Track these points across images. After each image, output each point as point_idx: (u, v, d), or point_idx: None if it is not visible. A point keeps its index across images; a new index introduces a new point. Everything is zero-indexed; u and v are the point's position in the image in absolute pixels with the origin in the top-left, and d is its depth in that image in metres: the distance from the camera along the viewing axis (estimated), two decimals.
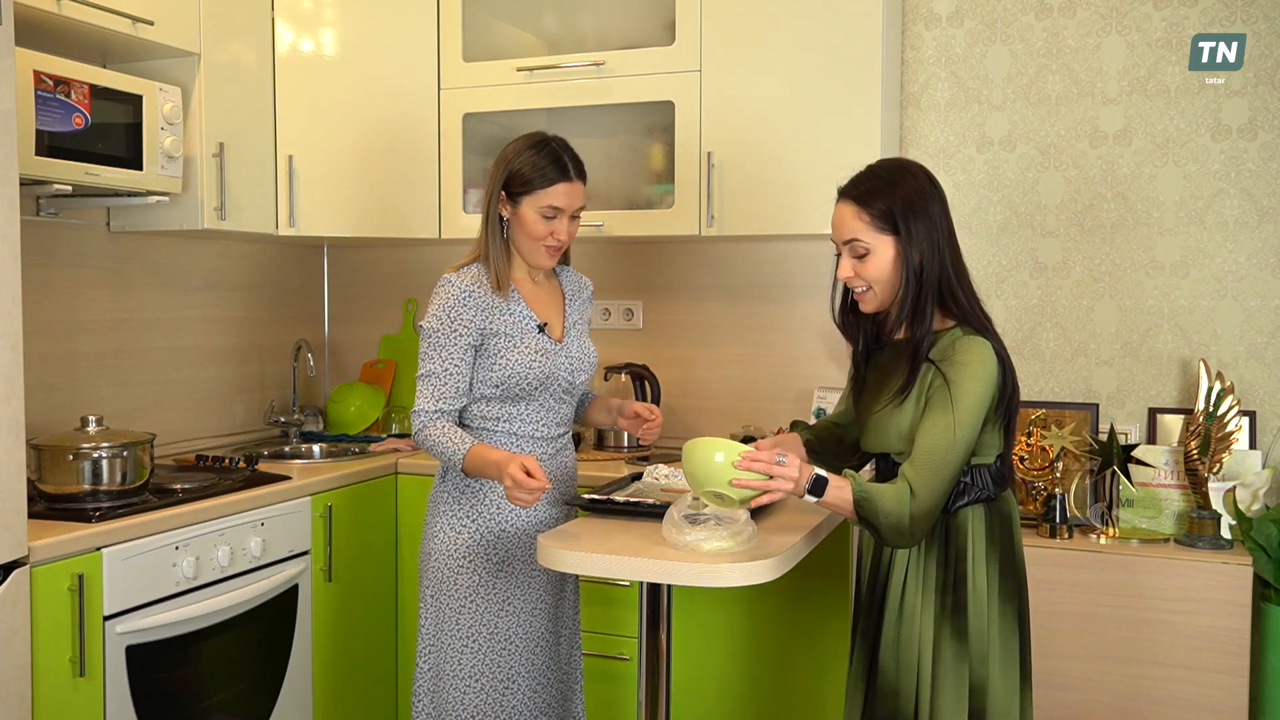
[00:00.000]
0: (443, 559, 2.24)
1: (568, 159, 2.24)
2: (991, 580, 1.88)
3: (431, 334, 2.19)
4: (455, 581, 2.23)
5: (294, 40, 3.00)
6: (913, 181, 1.90)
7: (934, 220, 1.88)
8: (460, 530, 2.24)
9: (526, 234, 2.21)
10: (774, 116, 2.81)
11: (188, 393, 3.15)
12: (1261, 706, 2.40)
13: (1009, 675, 1.88)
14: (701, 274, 3.28)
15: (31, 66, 2.23)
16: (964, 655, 1.86)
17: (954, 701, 1.85)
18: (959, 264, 1.91)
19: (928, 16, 3.01)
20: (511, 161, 2.21)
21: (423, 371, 2.19)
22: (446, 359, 2.18)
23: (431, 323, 2.19)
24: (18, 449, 1.94)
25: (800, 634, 2.65)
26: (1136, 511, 2.62)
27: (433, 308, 2.20)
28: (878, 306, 1.95)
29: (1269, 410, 2.73)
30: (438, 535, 2.25)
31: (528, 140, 2.25)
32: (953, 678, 1.86)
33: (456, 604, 2.23)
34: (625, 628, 2.76)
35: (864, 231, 1.90)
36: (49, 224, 2.68)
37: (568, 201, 2.22)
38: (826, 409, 3.01)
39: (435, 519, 2.27)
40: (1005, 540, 1.91)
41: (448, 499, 2.26)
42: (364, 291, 3.69)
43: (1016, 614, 1.90)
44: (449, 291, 2.19)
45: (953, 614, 1.87)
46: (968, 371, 1.82)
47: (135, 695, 2.20)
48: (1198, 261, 2.79)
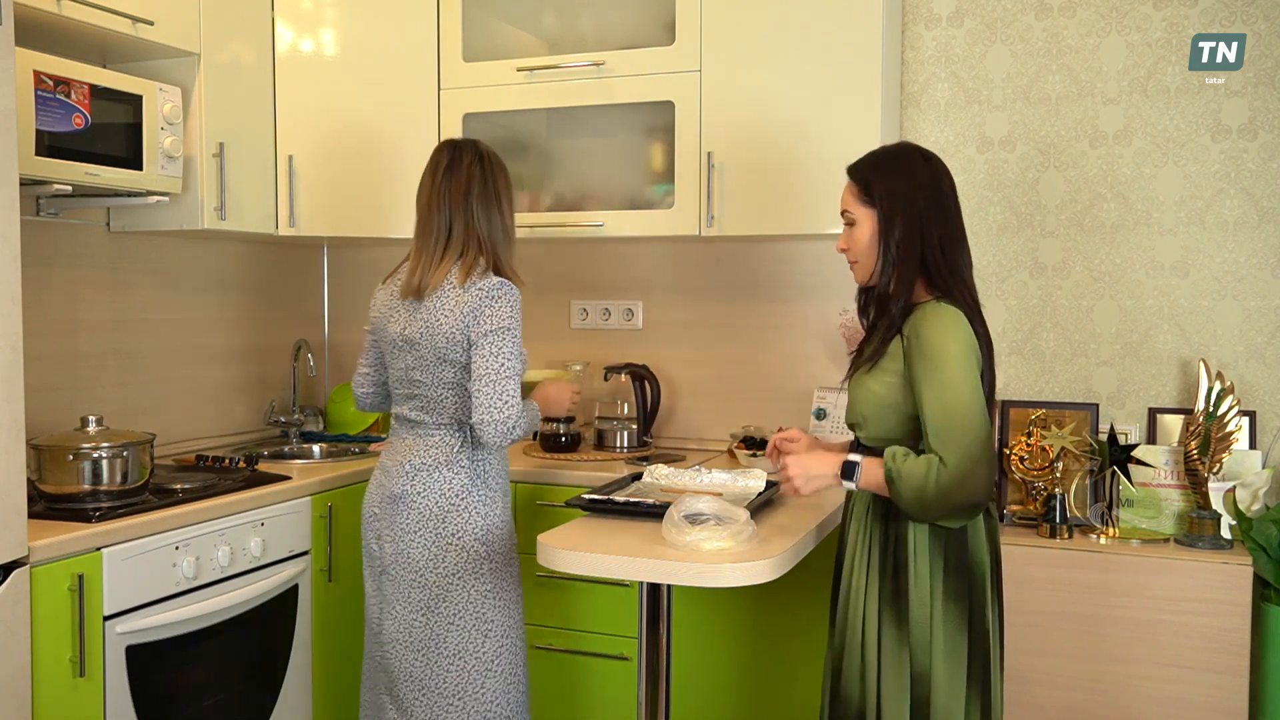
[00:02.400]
0: (496, 544, 2.36)
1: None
2: (935, 573, 1.89)
3: (515, 335, 2.27)
4: (508, 539, 2.40)
5: (294, 40, 3.00)
6: (905, 162, 1.97)
7: (918, 199, 1.93)
8: (505, 514, 2.41)
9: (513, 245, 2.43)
10: (774, 117, 2.81)
11: (188, 393, 3.15)
12: (1261, 706, 2.41)
13: (954, 673, 1.88)
14: (701, 274, 3.28)
15: (31, 66, 2.23)
16: (904, 641, 1.89)
17: (896, 687, 1.89)
18: (951, 245, 1.94)
19: (928, 16, 3.01)
20: (504, 169, 2.41)
21: (511, 372, 2.24)
22: (520, 357, 2.29)
23: (513, 323, 2.27)
24: (18, 449, 1.94)
25: (800, 634, 2.65)
26: (1136, 511, 2.62)
27: (508, 308, 2.27)
28: (863, 277, 2.02)
29: (1269, 410, 2.73)
30: (489, 521, 2.35)
31: (478, 148, 2.42)
32: (894, 661, 1.89)
33: (510, 559, 2.39)
34: (625, 628, 2.76)
35: (852, 203, 2.00)
36: (49, 224, 2.68)
37: None
38: (827, 409, 3.01)
39: (484, 504, 2.35)
40: (956, 538, 1.90)
41: (492, 485, 2.38)
42: (364, 291, 3.67)
43: (966, 617, 1.89)
44: (517, 297, 2.30)
45: (893, 599, 1.91)
46: (938, 333, 1.85)
47: (135, 695, 2.20)
48: (1198, 261, 2.79)
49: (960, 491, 1.80)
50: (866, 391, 1.96)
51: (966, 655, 1.89)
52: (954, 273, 1.93)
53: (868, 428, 1.97)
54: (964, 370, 1.83)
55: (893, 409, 1.91)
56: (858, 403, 1.98)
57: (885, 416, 1.93)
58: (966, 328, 1.86)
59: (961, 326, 1.86)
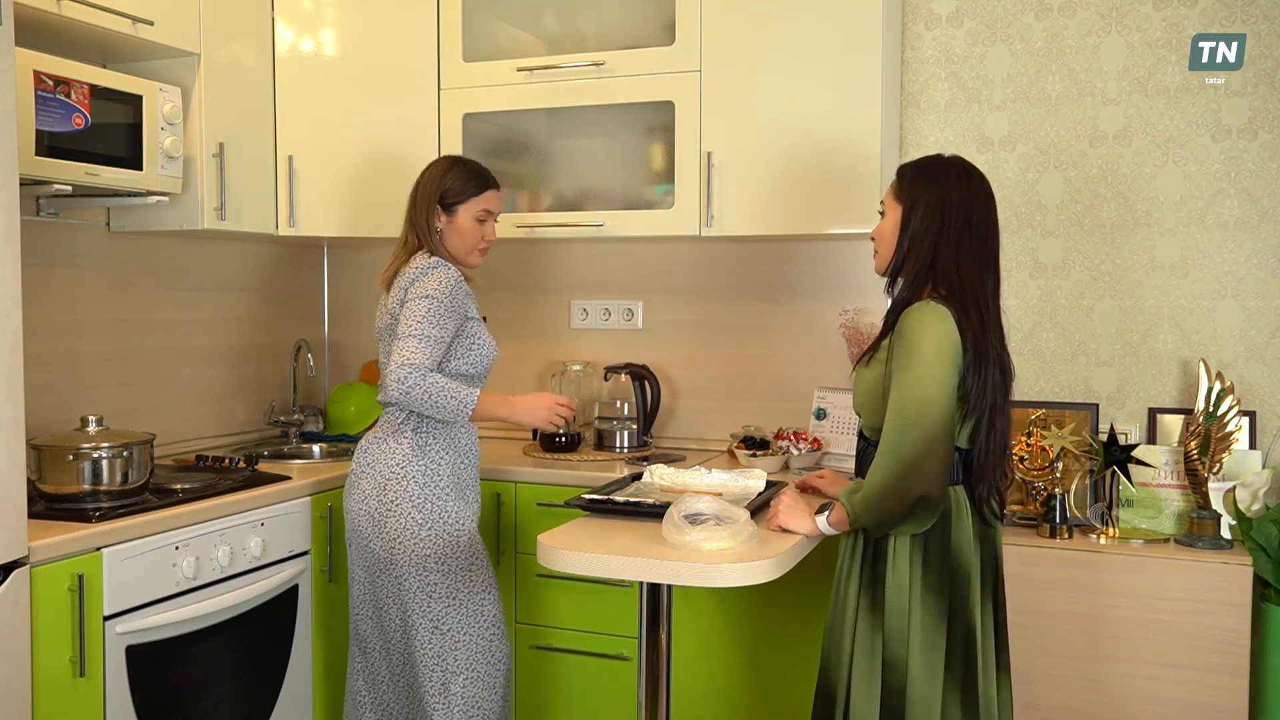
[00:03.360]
0: (451, 545, 2.45)
1: (487, 172, 2.58)
2: (914, 564, 1.93)
3: (434, 301, 2.38)
4: (471, 564, 2.47)
5: (294, 40, 3.00)
6: (942, 172, 2.05)
7: (940, 207, 1.98)
8: (464, 516, 2.49)
9: (463, 238, 2.53)
10: (774, 117, 2.81)
11: (188, 393, 3.15)
12: (1261, 706, 2.41)
13: (931, 665, 1.91)
14: (701, 274, 3.28)
15: (31, 66, 2.23)
16: (878, 627, 1.94)
17: (866, 669, 1.94)
18: (968, 256, 1.96)
19: (928, 16, 3.01)
20: (443, 178, 2.52)
21: (417, 333, 2.35)
22: (442, 328, 2.38)
23: (436, 292, 2.38)
24: (18, 449, 1.94)
25: (800, 633, 2.65)
26: (1136, 511, 2.62)
27: (434, 281, 2.40)
28: (879, 266, 2.09)
29: (1269, 410, 2.73)
30: (441, 521, 2.44)
31: (447, 161, 2.59)
32: (865, 644, 1.95)
33: (453, 526, 2.45)
34: (625, 628, 2.76)
35: (888, 197, 2.08)
36: (49, 224, 2.68)
37: (498, 205, 2.58)
38: (827, 409, 3.02)
39: (425, 476, 2.43)
40: (939, 531, 1.93)
41: (435, 459, 2.45)
42: (364, 291, 3.68)
43: (946, 612, 1.92)
44: (448, 274, 2.43)
45: (870, 586, 1.97)
46: (917, 328, 1.90)
47: (135, 695, 2.20)
48: (1198, 261, 2.79)
49: (906, 481, 1.85)
50: (863, 382, 2.05)
51: (945, 649, 1.92)
52: (965, 286, 1.94)
53: (865, 416, 2.06)
54: (933, 365, 1.86)
55: (881, 399, 1.96)
56: (856, 392, 2.09)
57: (876, 407, 1.99)
58: (948, 326, 1.89)
59: (942, 324, 1.89)
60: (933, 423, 1.85)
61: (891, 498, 1.87)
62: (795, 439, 2.92)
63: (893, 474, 1.86)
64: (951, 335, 1.88)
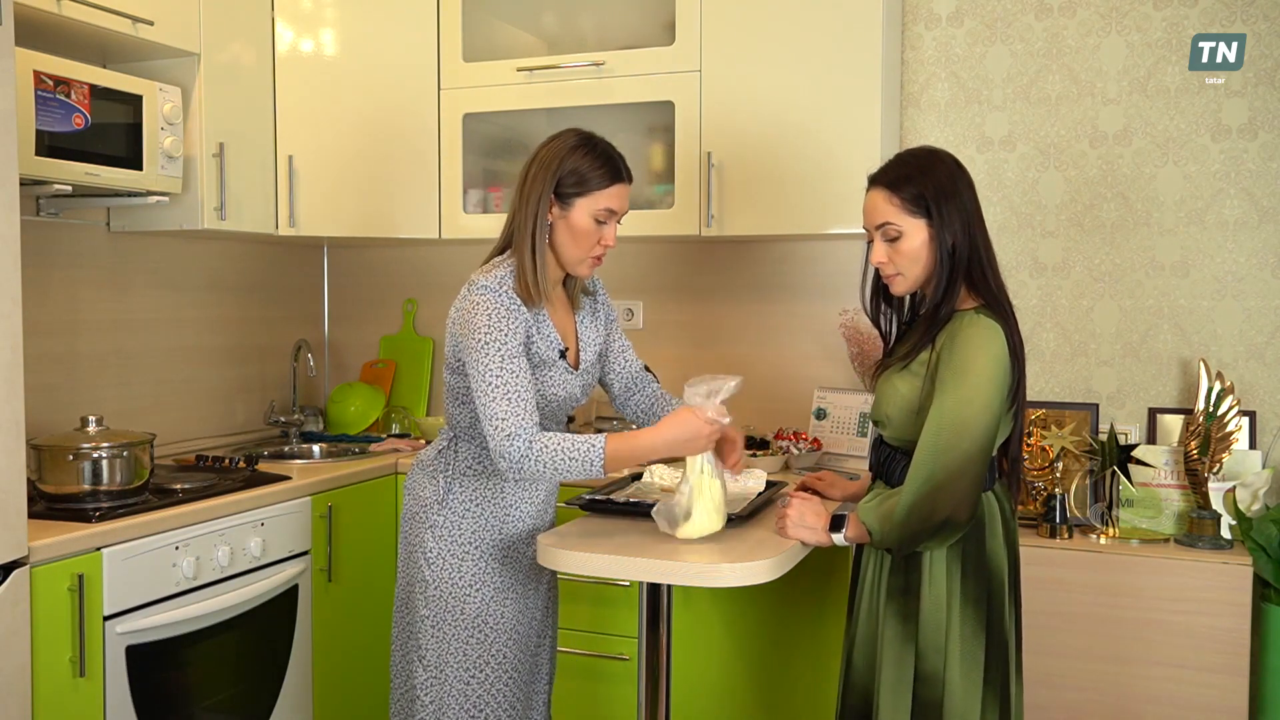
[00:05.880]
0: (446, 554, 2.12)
1: (620, 160, 2.08)
2: (952, 575, 1.87)
3: (492, 346, 1.95)
4: (459, 570, 2.12)
5: (294, 40, 3.00)
6: (942, 166, 1.94)
7: (963, 203, 1.91)
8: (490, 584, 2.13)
9: (575, 240, 2.04)
10: (774, 117, 2.81)
11: (188, 393, 3.15)
12: (1261, 706, 2.41)
13: (970, 678, 1.86)
14: (701, 274, 3.28)
15: (31, 66, 2.23)
16: (909, 638, 1.88)
17: (895, 680, 1.88)
18: (988, 246, 1.94)
19: (928, 16, 3.01)
20: (565, 159, 2.02)
21: (496, 389, 1.93)
22: (519, 369, 1.95)
23: (488, 336, 1.95)
24: (18, 449, 1.94)
25: (800, 633, 2.65)
26: (1136, 511, 2.62)
27: (482, 318, 1.96)
28: (908, 288, 1.97)
29: (1269, 410, 2.73)
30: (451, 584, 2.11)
31: (576, 137, 2.06)
32: (894, 657, 1.89)
33: (460, 593, 2.11)
34: (625, 628, 2.76)
35: (896, 215, 1.91)
36: (49, 224, 2.68)
37: (621, 204, 2.07)
38: (827, 409, 3.01)
39: (449, 564, 2.11)
40: (974, 540, 1.89)
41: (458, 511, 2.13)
42: (364, 291, 3.69)
43: (984, 621, 1.88)
44: (496, 301, 1.98)
45: (901, 594, 1.90)
46: (972, 346, 1.83)
47: (135, 695, 2.20)
48: (1198, 262, 2.79)
49: (934, 501, 1.79)
50: (894, 392, 1.94)
51: (984, 660, 1.87)
52: (996, 277, 1.93)
53: (891, 427, 1.96)
54: (985, 389, 1.80)
55: (917, 413, 1.89)
56: (884, 401, 1.96)
57: (908, 419, 1.91)
58: (1003, 345, 1.84)
59: (998, 343, 1.83)
60: (971, 443, 1.79)
61: (917, 519, 1.81)
62: (795, 439, 2.92)
63: (921, 494, 1.80)
64: (1004, 357, 1.83)
